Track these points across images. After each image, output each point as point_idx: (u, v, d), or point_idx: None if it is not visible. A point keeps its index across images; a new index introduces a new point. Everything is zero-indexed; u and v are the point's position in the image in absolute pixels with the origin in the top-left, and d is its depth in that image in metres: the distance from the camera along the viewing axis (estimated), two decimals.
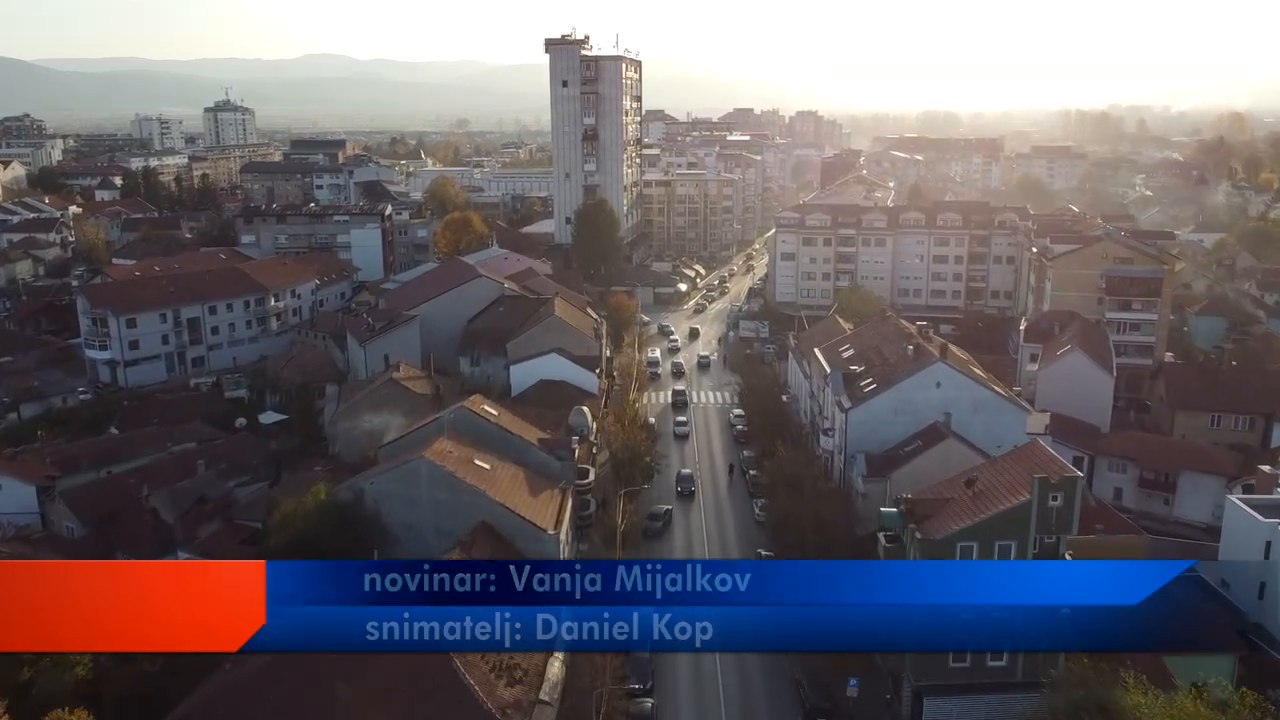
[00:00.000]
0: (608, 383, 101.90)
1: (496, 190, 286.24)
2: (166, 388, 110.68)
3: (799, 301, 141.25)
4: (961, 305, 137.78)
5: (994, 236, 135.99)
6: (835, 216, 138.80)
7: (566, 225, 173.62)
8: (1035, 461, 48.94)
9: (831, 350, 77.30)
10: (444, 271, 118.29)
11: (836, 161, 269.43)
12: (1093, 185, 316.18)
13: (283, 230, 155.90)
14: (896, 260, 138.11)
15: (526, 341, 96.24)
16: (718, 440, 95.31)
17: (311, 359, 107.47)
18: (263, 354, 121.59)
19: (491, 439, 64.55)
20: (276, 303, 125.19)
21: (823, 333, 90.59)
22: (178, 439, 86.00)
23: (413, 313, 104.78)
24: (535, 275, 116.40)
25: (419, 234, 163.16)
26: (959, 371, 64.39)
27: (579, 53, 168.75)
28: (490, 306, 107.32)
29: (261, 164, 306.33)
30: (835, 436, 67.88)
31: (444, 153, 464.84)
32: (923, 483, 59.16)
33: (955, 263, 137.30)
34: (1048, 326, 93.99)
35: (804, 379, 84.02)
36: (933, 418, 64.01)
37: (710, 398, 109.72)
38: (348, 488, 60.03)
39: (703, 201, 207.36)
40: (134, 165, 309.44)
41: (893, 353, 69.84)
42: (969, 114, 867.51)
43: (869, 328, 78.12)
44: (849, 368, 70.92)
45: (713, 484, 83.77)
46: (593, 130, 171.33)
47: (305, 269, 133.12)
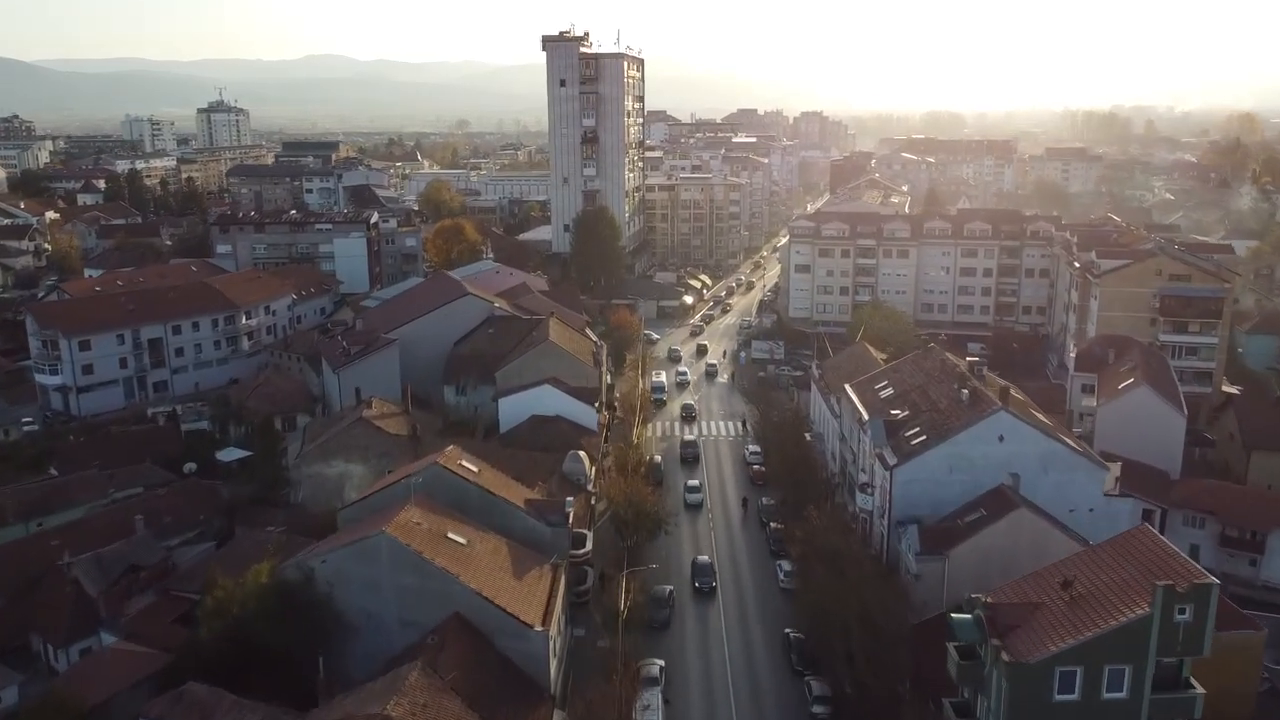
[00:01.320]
0: (608, 415, 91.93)
1: (493, 194, 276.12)
2: (124, 416, 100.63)
3: (814, 317, 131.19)
4: (990, 322, 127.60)
5: (1026, 248, 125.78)
6: (854, 225, 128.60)
7: (565, 233, 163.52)
8: (1146, 555, 38.83)
9: (866, 388, 67.12)
10: (429, 288, 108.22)
11: (846, 164, 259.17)
12: (1108, 188, 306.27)
13: (261, 240, 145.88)
14: (920, 273, 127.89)
15: (518, 369, 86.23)
16: (731, 480, 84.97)
17: (282, 386, 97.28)
18: (233, 376, 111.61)
19: (470, 502, 54.42)
20: (248, 320, 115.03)
21: (851, 362, 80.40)
22: (122, 483, 75.94)
23: (391, 336, 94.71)
24: (529, 292, 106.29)
25: (407, 243, 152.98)
26: (1024, 422, 54.26)
27: (578, 50, 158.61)
28: (479, 328, 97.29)
29: (249, 167, 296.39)
30: (875, 495, 57.75)
31: (442, 154, 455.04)
32: (990, 563, 49.14)
33: (984, 275, 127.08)
34: (1101, 353, 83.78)
35: (831, 417, 73.81)
36: (994, 478, 53.87)
37: (721, 429, 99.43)
38: (296, 565, 49.89)
39: (708, 207, 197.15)
40: (119, 168, 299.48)
41: (941, 395, 59.67)
42: (973, 114, 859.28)
43: (909, 362, 67.91)
44: (889, 412, 60.73)
45: (730, 547, 73.39)
46: (592, 132, 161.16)
47: (281, 283, 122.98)
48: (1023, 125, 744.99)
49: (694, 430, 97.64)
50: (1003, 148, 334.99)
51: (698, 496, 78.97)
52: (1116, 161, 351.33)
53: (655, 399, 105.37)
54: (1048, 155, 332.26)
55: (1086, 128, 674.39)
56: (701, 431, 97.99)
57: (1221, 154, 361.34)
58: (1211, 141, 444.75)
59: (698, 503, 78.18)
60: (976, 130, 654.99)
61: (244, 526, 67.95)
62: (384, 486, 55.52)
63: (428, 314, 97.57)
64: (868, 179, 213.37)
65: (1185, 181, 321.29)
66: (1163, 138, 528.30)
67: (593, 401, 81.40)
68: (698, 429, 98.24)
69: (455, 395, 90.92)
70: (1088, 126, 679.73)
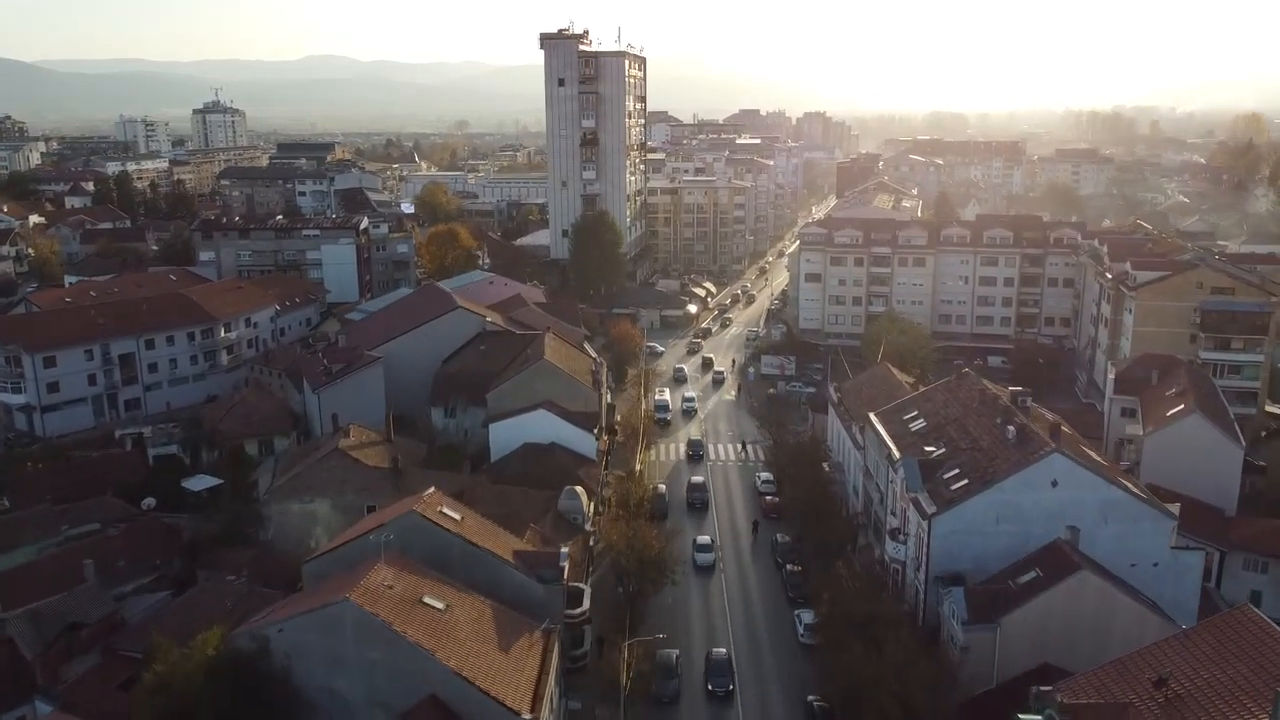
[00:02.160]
0: (608, 439, 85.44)
1: (491, 196, 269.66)
2: (93, 436, 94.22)
3: (826, 329, 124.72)
4: (1011, 334, 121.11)
5: (1049, 256, 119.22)
6: (867, 232, 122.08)
7: (563, 239, 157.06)
8: (1254, 645, 32.39)
9: (894, 418, 60.60)
10: (417, 300, 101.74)
11: (853, 166, 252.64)
12: (1119, 190, 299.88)
13: (246, 246, 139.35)
14: (938, 282, 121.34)
15: (511, 390, 79.67)
16: (742, 513, 78.34)
17: (260, 406, 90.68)
18: (211, 393, 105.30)
19: (452, 555, 47.90)
20: (227, 334, 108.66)
21: (873, 385, 73.86)
22: (77, 519, 69.36)
23: (376, 353, 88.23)
24: (524, 305, 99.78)
25: (399, 250, 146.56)
26: (1081, 465, 47.73)
27: (577, 48, 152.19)
28: (469, 344, 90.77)
29: (241, 169, 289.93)
30: (909, 545, 51.25)
31: (440, 156, 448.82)
32: (1048, 633, 42.75)
33: (1005, 285, 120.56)
34: (1143, 374, 77.21)
35: (853, 448, 67.30)
36: (1047, 529, 47.41)
37: (730, 452, 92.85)
38: (249, 634, 43.37)
39: (712, 211, 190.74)
40: (110, 170, 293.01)
41: (983, 431, 53.13)
42: (975, 115, 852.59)
43: (942, 390, 61.35)
44: (923, 449, 54.20)
45: (743, 596, 66.97)
46: (592, 134, 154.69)
47: (263, 293, 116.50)
48: (1025, 126, 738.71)
49: (702, 470, 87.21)
50: (1011, 149, 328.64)
51: (708, 557, 68.51)
52: (1124, 163, 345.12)
53: (659, 418, 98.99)
54: (1058, 157, 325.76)
55: (1091, 128, 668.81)
56: (708, 454, 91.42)
57: (1232, 155, 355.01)
58: (1219, 143, 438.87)
59: (709, 564, 68.13)
60: (979, 131, 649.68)
61: (206, 570, 61.50)
62: (354, 537, 48.93)
63: (415, 329, 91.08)
64: (876, 182, 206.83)
65: (1198, 184, 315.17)
66: (1168, 139, 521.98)
67: (591, 427, 74.92)
68: (705, 468, 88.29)
69: (444, 418, 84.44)
70: (1092, 127, 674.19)
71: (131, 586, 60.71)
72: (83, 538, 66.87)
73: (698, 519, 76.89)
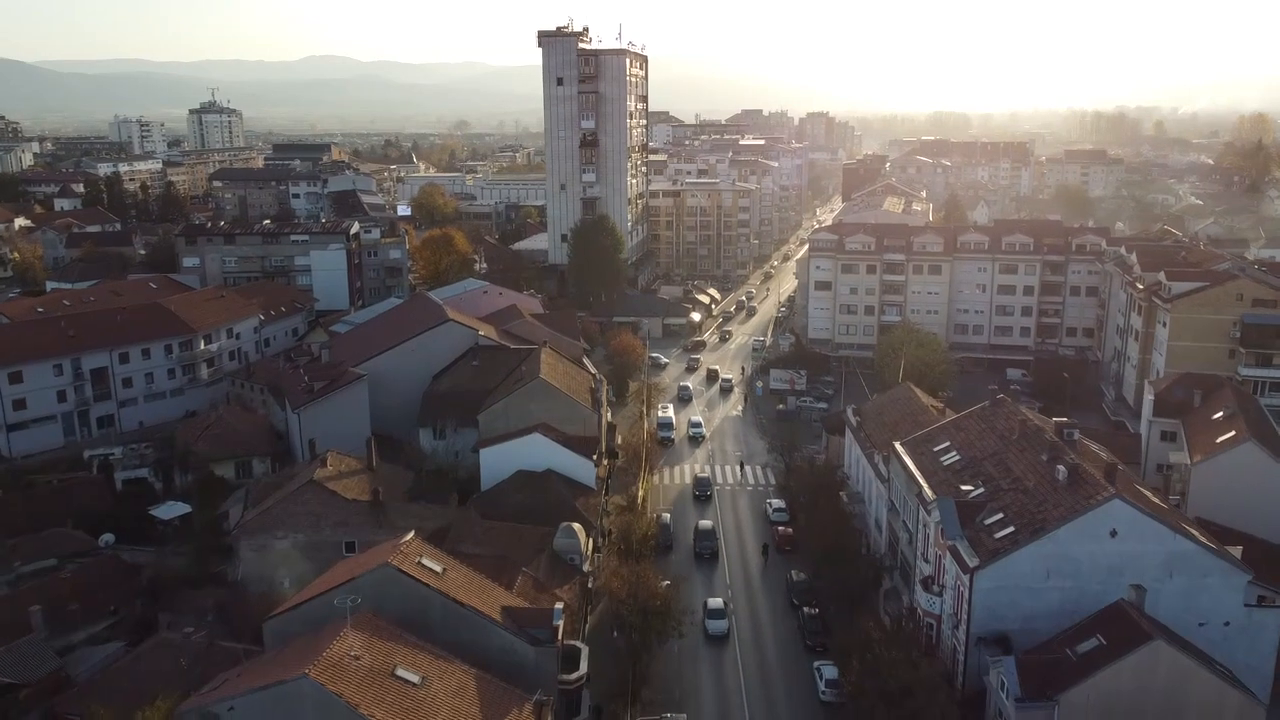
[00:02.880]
0: (609, 462, 79.90)
1: (489, 198, 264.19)
2: (62, 457, 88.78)
3: (836, 339, 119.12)
4: (1031, 345, 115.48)
5: (1071, 263, 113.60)
6: (880, 238, 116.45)
7: (562, 244, 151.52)
8: None
9: (922, 449, 54.99)
10: (407, 311, 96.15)
11: (859, 168, 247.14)
12: (1129, 192, 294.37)
13: (232, 252, 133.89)
14: (954, 291, 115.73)
15: (504, 411, 74.18)
16: (753, 547, 72.64)
17: (237, 424, 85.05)
18: (190, 409, 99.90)
19: (431, 614, 42.37)
20: (208, 346, 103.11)
21: (894, 409, 68.24)
22: (31, 554, 64.08)
23: (361, 369, 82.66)
24: (520, 316, 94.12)
25: (391, 255, 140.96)
26: (1144, 513, 42.14)
27: (576, 46, 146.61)
28: (461, 359, 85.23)
29: (234, 170, 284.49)
30: (946, 598, 45.69)
31: (439, 157, 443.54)
32: (1115, 713, 37.10)
33: (1025, 294, 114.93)
34: (1184, 394, 71.63)
35: (877, 480, 61.66)
36: (1104, 585, 41.95)
37: (738, 475, 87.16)
38: (198, 713, 37.82)
39: (716, 214, 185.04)
40: (101, 171, 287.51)
41: (1026, 467, 47.55)
42: (977, 115, 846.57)
43: (976, 418, 55.72)
44: (959, 488, 48.61)
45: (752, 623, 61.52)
46: (592, 135, 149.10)
47: (246, 302, 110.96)
48: (1027, 126, 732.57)
49: (710, 511, 78.13)
50: (1019, 150, 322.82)
51: (721, 625, 59.61)
52: (1132, 164, 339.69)
53: (662, 437, 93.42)
54: (1066, 158, 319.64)
55: (1095, 129, 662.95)
56: (714, 478, 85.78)
57: (1241, 156, 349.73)
58: (1226, 143, 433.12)
59: (722, 632, 59.19)
60: (982, 131, 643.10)
61: (168, 614, 55.95)
62: (322, 591, 43.34)
63: (403, 343, 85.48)
64: (884, 183, 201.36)
65: (1208, 185, 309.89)
66: (1173, 139, 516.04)
67: (590, 452, 69.34)
68: (714, 509, 79.33)
69: (432, 440, 78.87)
70: (1096, 128, 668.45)
71: (83, 635, 55.24)
72: (37, 575, 61.57)
73: (706, 570, 68.80)
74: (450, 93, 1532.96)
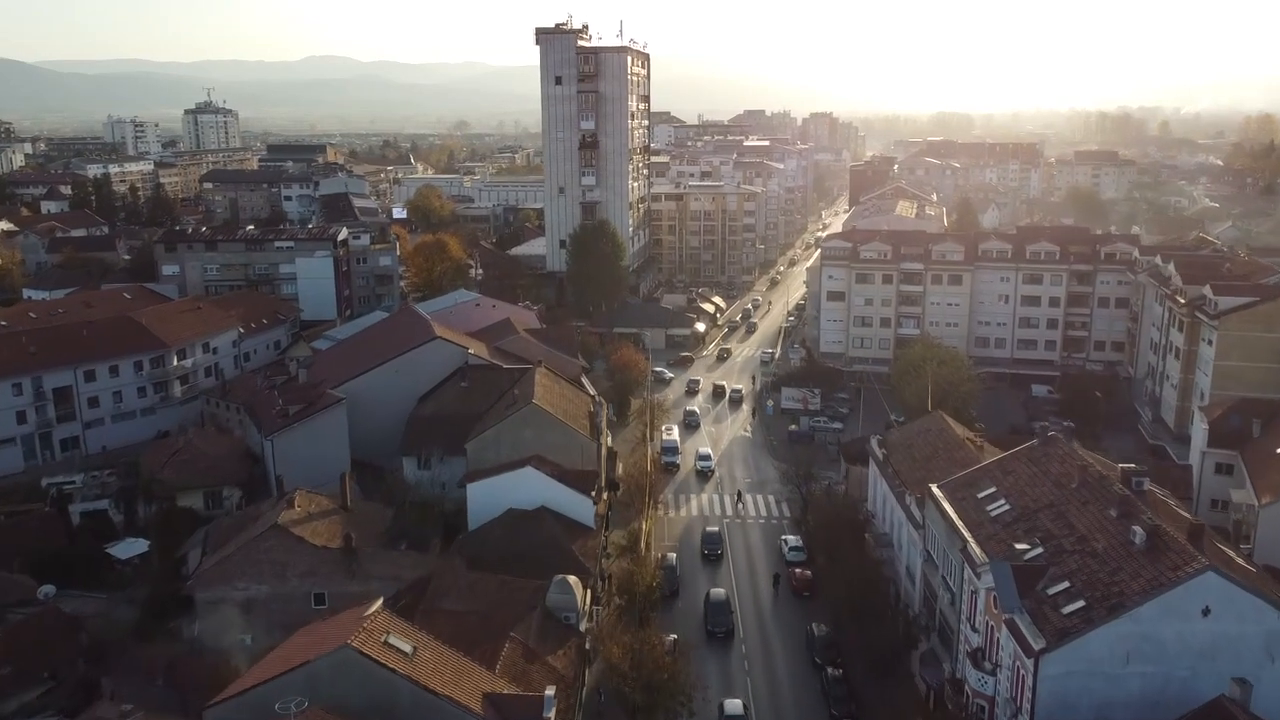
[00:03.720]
0: (609, 495, 73.50)
1: (487, 200, 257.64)
2: (22, 483, 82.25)
3: (850, 353, 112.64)
4: (1057, 359, 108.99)
5: (1100, 273, 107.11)
6: (897, 246, 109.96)
7: (561, 250, 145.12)
8: None
9: (964, 495, 48.50)
10: (392, 327, 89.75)
11: (867, 170, 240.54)
12: (1141, 194, 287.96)
13: (213, 260, 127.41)
14: (975, 302, 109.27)
15: (494, 440, 67.84)
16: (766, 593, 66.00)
17: (208, 449, 78.51)
18: (162, 429, 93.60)
19: (399, 705, 35.98)
20: (182, 361, 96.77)
21: (925, 441, 61.74)
22: None
23: (341, 391, 76.26)
24: (513, 332, 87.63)
25: (381, 262, 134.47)
26: (1243, 588, 35.70)
27: (575, 43, 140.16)
28: (448, 380, 78.84)
29: (225, 172, 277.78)
30: (1002, 679, 39.23)
31: (438, 157, 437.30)
32: None
33: (1050, 305, 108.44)
34: (1241, 423, 65.28)
35: (907, 521, 55.12)
36: (1194, 670, 35.50)
37: (749, 505, 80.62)
38: None
39: (720, 218, 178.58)
40: (91, 173, 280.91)
41: (1091, 524, 41.11)
42: (979, 116, 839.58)
43: (1025, 460, 49.16)
44: (1012, 544, 42.17)
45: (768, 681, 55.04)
46: (592, 136, 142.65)
47: (224, 314, 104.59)
48: (1030, 126, 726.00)
49: (722, 575, 67.42)
50: (1028, 151, 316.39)
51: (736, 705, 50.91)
52: (1141, 165, 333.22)
53: (667, 463, 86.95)
54: (1077, 159, 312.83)
55: (1100, 129, 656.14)
56: (724, 509, 79.25)
57: (1253, 158, 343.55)
58: (1233, 144, 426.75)
59: (738, 713, 50.32)
60: (985, 132, 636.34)
61: (110, 680, 49.46)
62: (270, 678, 36.88)
63: (386, 362, 79.08)
64: (894, 186, 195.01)
65: (1221, 187, 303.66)
66: (1179, 139, 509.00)
67: (589, 488, 62.91)
68: (727, 570, 68.34)
69: (417, 469, 72.39)
70: (1101, 128, 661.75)
71: (14, 704, 48.79)
72: None
73: (720, 652, 58.23)
74: (450, 93, 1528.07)
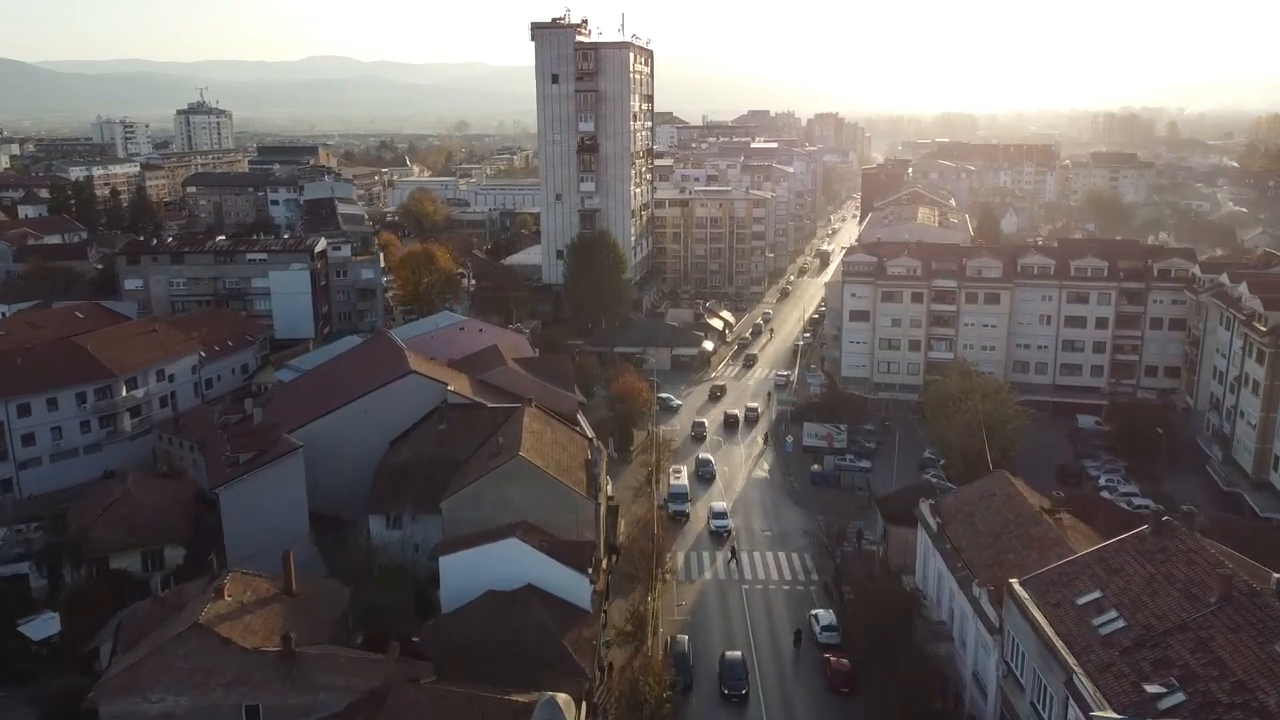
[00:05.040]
0: (609, 562, 63.25)
1: (484, 204, 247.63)
2: None
3: (875, 379, 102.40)
4: (1104, 386, 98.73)
5: (1152, 291, 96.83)
6: (927, 261, 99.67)
7: (557, 261, 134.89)
8: None
9: (1059, 598, 38.22)
10: (363, 357, 79.31)
11: (880, 173, 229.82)
12: (1161, 197, 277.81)
13: (180, 273, 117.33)
14: (1014, 322, 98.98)
15: (473, 499, 57.69)
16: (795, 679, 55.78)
17: (149, 500, 68.18)
18: (109, 468, 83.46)
19: None
20: (133, 391, 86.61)
21: (989, 509, 51.35)
22: None
23: (301, 435, 65.99)
24: (501, 362, 77.13)
25: (363, 275, 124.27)
26: None
27: (574, 38, 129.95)
28: (425, 421, 68.53)
29: (209, 175, 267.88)
30: None
31: (435, 159, 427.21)
32: None
33: (1097, 326, 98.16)
34: None
35: (974, 616, 44.77)
36: None
37: (770, 566, 70.21)
38: None
39: (728, 225, 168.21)
40: (74, 175, 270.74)
41: (1248, 661, 30.93)
42: (983, 116, 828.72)
43: (1133, 553, 38.83)
44: (1139, 685, 31.93)
45: None
46: (591, 139, 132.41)
47: (182, 337, 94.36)
48: (1033, 127, 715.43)
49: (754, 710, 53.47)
50: (1043, 153, 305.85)
51: None
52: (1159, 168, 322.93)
53: (675, 511, 76.68)
54: (1094, 162, 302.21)
55: (1107, 130, 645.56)
56: (741, 573, 68.82)
57: (1272, 159, 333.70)
58: (1247, 145, 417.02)
59: None
60: (990, 132, 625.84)
61: None
62: None
63: (354, 401, 68.77)
64: (910, 191, 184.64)
65: (1242, 190, 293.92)
66: (1188, 140, 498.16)
67: (585, 563, 52.63)
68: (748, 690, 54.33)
69: (386, 528, 62.21)
70: (1108, 129, 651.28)
71: None
72: None
73: None
74: (451, 93, 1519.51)
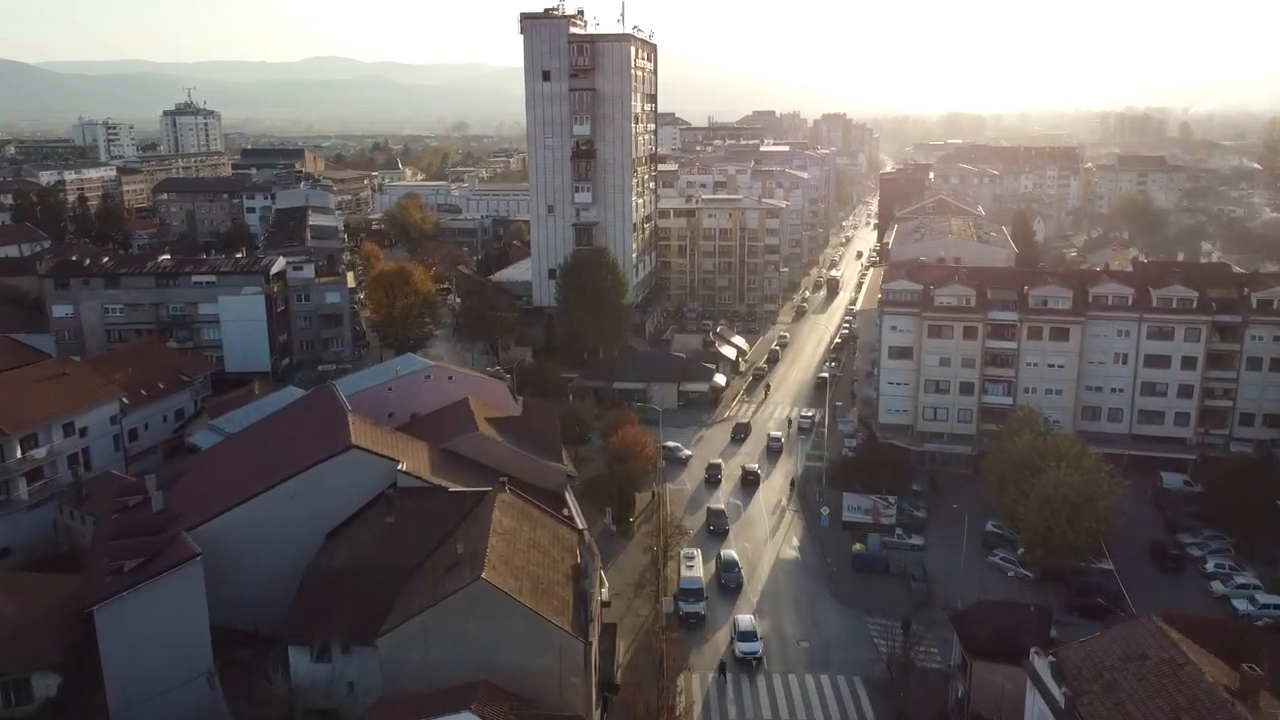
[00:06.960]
0: (606, 699, 48.31)
1: (476, 211, 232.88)
2: None
3: (920, 427, 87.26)
4: (1191, 437, 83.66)
5: (1250, 325, 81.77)
6: (982, 289, 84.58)
7: (550, 281, 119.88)
8: None
9: None
10: (300, 418, 64.17)
11: (899, 178, 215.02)
12: (1191, 202, 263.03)
13: (116, 298, 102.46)
14: (1084, 362, 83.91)
15: (419, 636, 43.04)
16: None
17: (14, 612, 53.30)
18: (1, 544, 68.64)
19: None
20: (30, 451, 71.66)
21: (1139, 675, 36.40)
22: None
23: (210, 527, 51.03)
24: (471, 426, 61.93)
25: (328, 299, 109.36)
26: None
27: (567, 30, 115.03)
28: (370, 509, 53.51)
29: (181, 181, 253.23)
30: None
31: (430, 160, 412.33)
32: None
33: (1184, 367, 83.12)
34: None
35: None
36: None
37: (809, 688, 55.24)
38: None
39: (739, 237, 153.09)
40: (45, 180, 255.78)
41: None
42: (989, 116, 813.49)
43: None
44: None
45: None
46: (587, 144, 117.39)
47: (99, 382, 79.39)
48: (1038, 127, 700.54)
49: None
50: (1066, 156, 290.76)
51: None
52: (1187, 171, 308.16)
53: (686, 613, 61.65)
54: (1120, 165, 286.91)
55: (1118, 130, 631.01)
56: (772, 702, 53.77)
57: None
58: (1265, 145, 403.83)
59: None
60: (997, 133, 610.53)
61: None
62: None
63: (278, 485, 53.66)
64: (936, 199, 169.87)
65: (1273, 194, 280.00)
66: (1201, 141, 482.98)
67: None
68: None
69: (310, 664, 47.27)
70: (1119, 129, 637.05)
71: None
72: None
73: None
74: (451, 94, 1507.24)
